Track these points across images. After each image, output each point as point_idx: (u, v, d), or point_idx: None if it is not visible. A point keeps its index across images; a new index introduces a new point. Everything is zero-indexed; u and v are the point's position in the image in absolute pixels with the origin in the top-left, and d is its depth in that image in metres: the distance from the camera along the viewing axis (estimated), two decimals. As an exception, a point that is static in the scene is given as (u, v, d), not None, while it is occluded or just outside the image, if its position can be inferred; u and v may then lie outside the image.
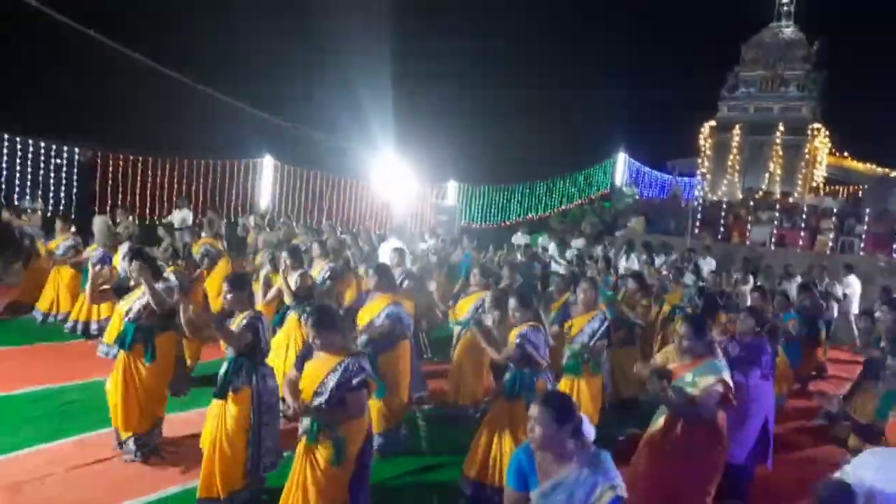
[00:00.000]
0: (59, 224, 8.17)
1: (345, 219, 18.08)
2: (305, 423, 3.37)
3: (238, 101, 12.22)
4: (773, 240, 16.41)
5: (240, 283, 4.21)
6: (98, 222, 8.22)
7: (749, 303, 8.12)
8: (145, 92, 17.06)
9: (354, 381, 3.27)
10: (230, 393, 3.93)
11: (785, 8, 22.15)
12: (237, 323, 4.08)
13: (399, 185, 16.79)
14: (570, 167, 24.10)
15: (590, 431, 2.61)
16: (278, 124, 13.54)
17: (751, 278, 11.14)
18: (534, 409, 2.58)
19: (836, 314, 11.24)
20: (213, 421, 3.97)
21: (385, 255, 8.18)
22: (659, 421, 4.07)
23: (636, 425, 5.35)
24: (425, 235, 12.93)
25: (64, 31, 8.41)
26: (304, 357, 3.57)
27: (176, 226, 10.44)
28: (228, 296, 4.14)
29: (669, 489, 3.87)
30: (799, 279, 11.17)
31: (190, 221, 11.67)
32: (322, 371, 3.33)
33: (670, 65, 31.69)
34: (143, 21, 21.20)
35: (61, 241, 8.05)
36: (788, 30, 22.06)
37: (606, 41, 32.21)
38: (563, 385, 5.25)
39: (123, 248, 7.11)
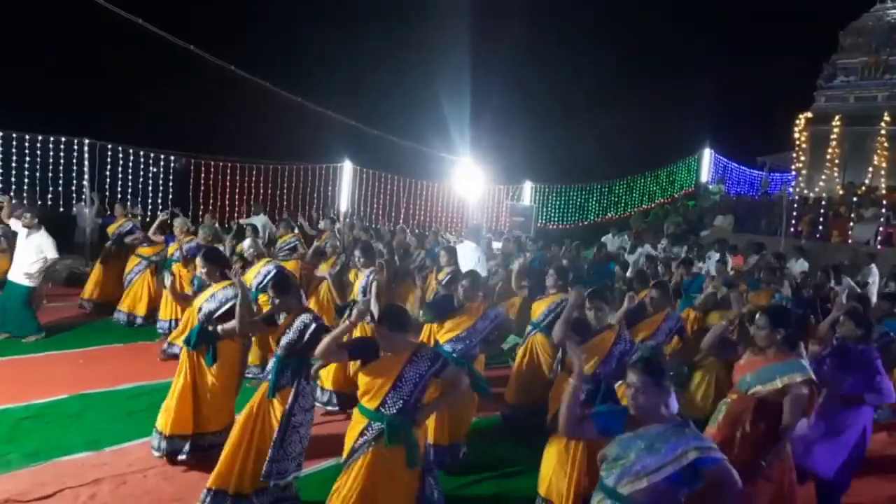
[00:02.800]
0: (179, 224, 8.33)
1: (421, 221, 18.24)
2: (376, 426, 3.32)
3: (319, 106, 12.57)
4: (878, 238, 15.18)
5: (283, 284, 4.27)
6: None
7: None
8: (232, 99, 17.91)
9: (439, 364, 3.36)
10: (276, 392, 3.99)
11: (890, -12, 20.52)
12: (286, 323, 4.12)
13: (474, 186, 16.76)
14: (652, 165, 23.27)
15: (674, 405, 2.65)
16: (358, 129, 13.81)
17: (848, 280, 10.18)
18: (632, 376, 2.66)
19: None
20: (249, 416, 4.01)
21: (460, 257, 8.11)
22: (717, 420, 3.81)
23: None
24: (494, 238, 12.82)
25: (155, 42, 8.91)
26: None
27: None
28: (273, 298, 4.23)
29: None
30: None
31: (265, 225, 12.03)
32: (394, 368, 3.32)
33: (761, 54, 29.97)
34: (228, 29, 22.32)
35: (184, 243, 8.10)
36: (893, 11, 20.40)
37: (690, 31, 30.90)
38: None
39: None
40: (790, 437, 3.59)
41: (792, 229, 15.87)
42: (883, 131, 19.52)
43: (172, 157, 13.65)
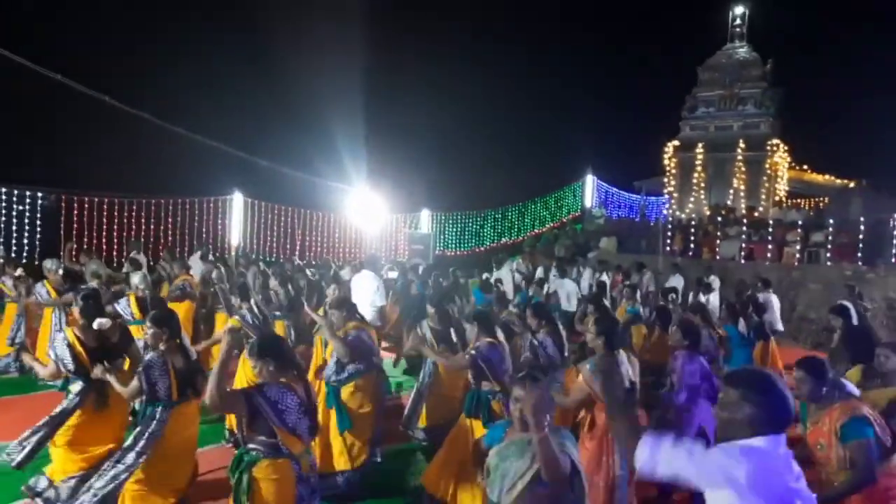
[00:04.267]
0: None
1: (317, 253, 17.89)
2: None
3: (206, 138, 12.09)
4: (742, 254, 16.74)
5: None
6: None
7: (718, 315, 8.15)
8: (110, 132, 16.84)
9: None
10: None
11: (737, 30, 23.01)
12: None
13: (371, 216, 16.73)
14: (541, 191, 24.37)
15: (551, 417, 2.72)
16: (247, 160, 13.41)
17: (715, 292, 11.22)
18: (518, 391, 2.70)
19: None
20: None
21: (358, 286, 8.05)
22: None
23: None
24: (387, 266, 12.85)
25: (22, 72, 8.27)
26: None
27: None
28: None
29: None
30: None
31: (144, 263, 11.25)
32: None
33: (634, 87, 32.59)
34: (107, 60, 21.06)
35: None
36: (742, 50, 22.89)
37: (570, 66, 33.03)
38: None
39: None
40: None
41: (668, 248, 17.17)
42: (740, 157, 21.74)
43: (40, 194, 12.55)
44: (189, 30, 24.19)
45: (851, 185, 21.37)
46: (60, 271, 8.01)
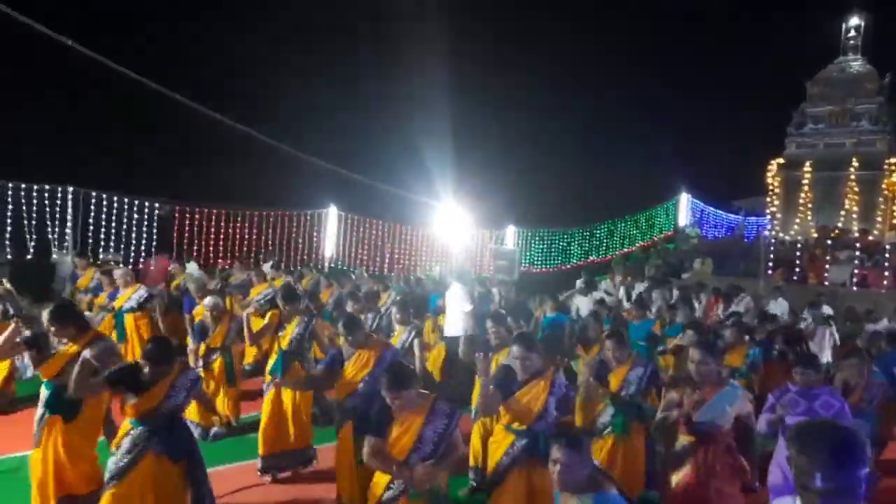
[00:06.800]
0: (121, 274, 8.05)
1: (406, 265, 18.29)
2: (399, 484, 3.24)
3: (304, 153, 12.69)
4: (853, 280, 15.53)
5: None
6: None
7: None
8: (216, 146, 18.04)
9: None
10: None
11: (851, 42, 21.56)
12: None
13: (457, 230, 16.92)
14: (632, 209, 23.75)
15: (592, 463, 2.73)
16: (343, 175, 13.94)
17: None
18: (556, 453, 2.63)
19: None
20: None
21: (451, 299, 8.20)
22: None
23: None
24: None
25: (139, 89, 9.01)
26: None
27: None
28: None
29: None
30: (885, 323, 10.20)
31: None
32: (414, 427, 3.26)
33: (734, 104, 31.15)
34: (210, 75, 22.66)
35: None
36: (856, 63, 21.41)
37: (668, 80, 32.05)
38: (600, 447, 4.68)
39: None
40: None
41: (769, 272, 16.20)
42: (853, 176, 20.20)
43: (157, 204, 13.65)
44: (291, 57, 25.65)
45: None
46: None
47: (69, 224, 11.54)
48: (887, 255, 15.53)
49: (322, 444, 5.56)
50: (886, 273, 15.18)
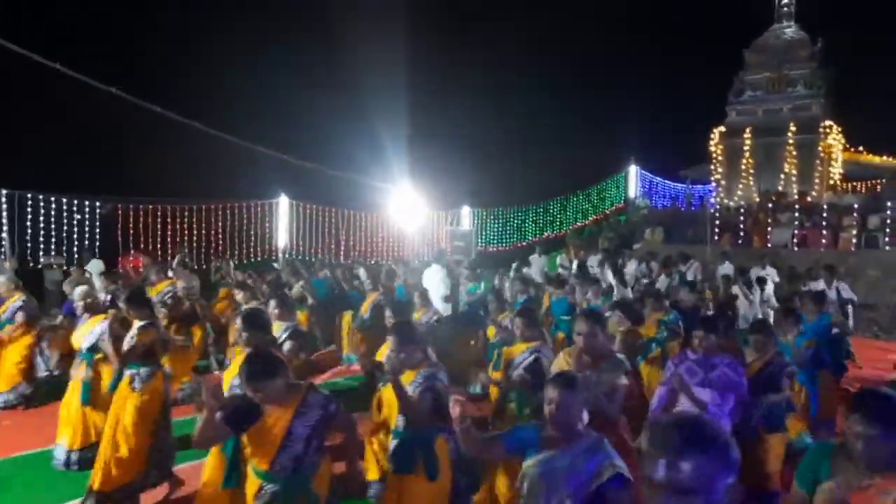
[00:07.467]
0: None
1: (361, 252, 18.18)
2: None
3: (250, 142, 12.43)
4: (794, 241, 16.19)
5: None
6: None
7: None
8: (160, 140, 17.46)
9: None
10: None
11: (785, 9, 22.21)
12: None
13: (413, 213, 16.89)
14: (583, 184, 24.10)
15: (586, 417, 2.64)
16: (292, 163, 13.72)
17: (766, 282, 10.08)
18: (551, 391, 2.57)
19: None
20: None
21: (428, 279, 8.28)
22: None
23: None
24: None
25: (73, 85, 8.65)
26: None
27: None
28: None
29: None
30: (822, 283, 9.99)
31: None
32: (281, 423, 3.00)
33: (675, 75, 31.82)
34: (154, 71, 21.86)
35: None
36: (790, 30, 22.08)
37: (609, 55, 32.47)
38: None
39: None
40: None
41: (716, 237, 16.75)
42: (791, 140, 20.97)
43: (98, 203, 13.16)
44: (230, 39, 24.87)
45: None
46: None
47: (5, 228, 11.03)
48: (824, 216, 16.22)
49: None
50: (824, 232, 15.86)
